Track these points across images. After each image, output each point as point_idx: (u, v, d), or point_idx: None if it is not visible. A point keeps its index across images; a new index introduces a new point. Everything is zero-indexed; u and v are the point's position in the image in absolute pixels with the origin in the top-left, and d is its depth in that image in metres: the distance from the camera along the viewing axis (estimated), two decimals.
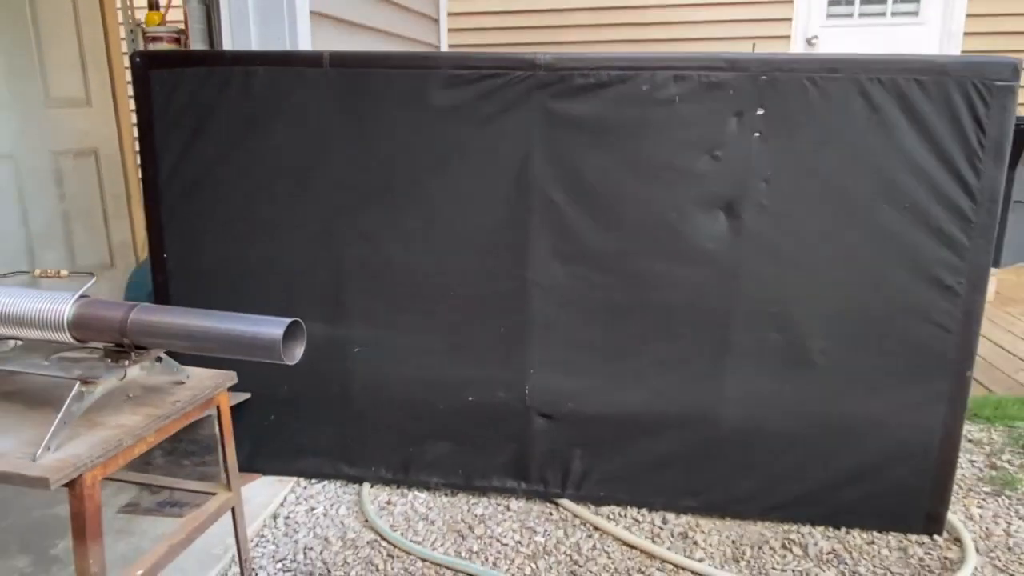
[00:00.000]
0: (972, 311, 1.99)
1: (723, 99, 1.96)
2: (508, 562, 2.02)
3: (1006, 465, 2.56)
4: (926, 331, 2.02)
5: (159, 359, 1.43)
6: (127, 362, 1.31)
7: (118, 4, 3.28)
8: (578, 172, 2.07)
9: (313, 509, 2.27)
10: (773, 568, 2.00)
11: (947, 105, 1.89)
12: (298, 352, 1.25)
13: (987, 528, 2.19)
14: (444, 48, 3.87)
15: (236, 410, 2.32)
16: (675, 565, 2.00)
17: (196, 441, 2.26)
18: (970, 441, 2.75)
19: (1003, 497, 2.36)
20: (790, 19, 5.45)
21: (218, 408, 1.57)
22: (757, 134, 1.97)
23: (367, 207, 2.16)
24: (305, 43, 2.22)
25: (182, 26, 2.51)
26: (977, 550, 2.08)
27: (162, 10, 2.67)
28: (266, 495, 2.33)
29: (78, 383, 1.25)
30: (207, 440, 2.27)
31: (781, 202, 2.00)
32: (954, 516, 2.21)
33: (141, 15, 2.86)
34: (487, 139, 2.07)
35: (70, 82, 3.54)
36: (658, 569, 1.99)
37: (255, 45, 2.18)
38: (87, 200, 3.72)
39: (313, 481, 2.42)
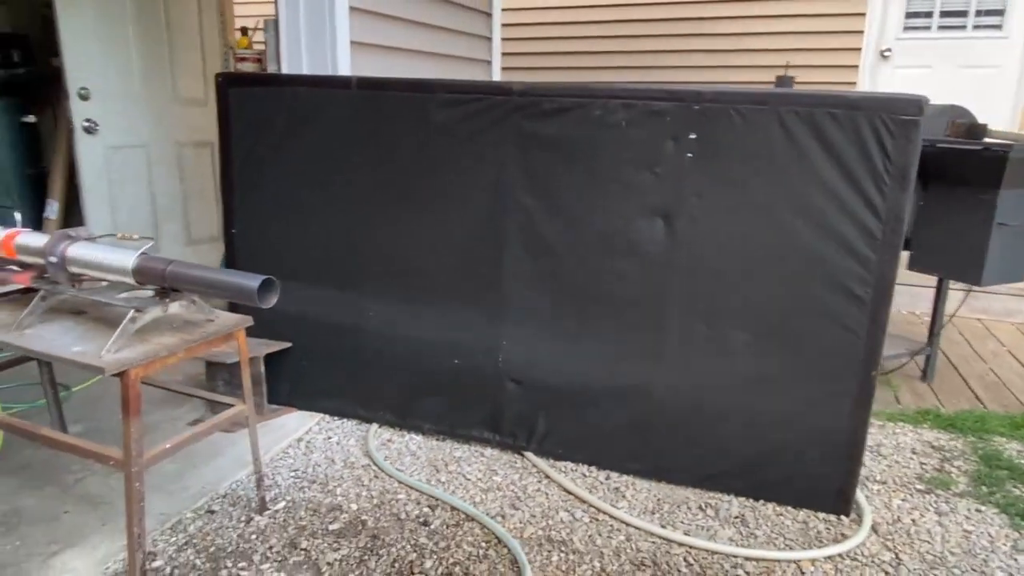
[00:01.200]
0: (877, 318, 2.25)
1: (662, 124, 2.33)
2: (464, 491, 2.50)
3: (953, 470, 2.74)
4: (837, 334, 2.30)
5: (193, 302, 2.02)
6: (168, 300, 1.91)
7: (221, 29, 4.01)
8: (544, 181, 2.50)
9: (329, 438, 2.86)
10: (680, 521, 2.36)
11: (857, 135, 2.16)
12: (272, 300, 1.80)
13: (898, 516, 2.42)
14: (496, 67, 4.35)
15: (279, 356, 2.96)
16: (597, 509, 2.41)
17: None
18: (932, 447, 2.92)
19: (931, 495, 2.56)
20: (861, 31, 5.48)
21: (239, 343, 2.15)
22: (690, 155, 2.32)
23: (378, 201, 2.70)
24: (345, 67, 2.79)
25: (263, 47, 3.16)
26: (876, 532, 2.33)
27: (249, 36, 3.33)
28: (296, 424, 2.94)
29: (133, 310, 1.86)
30: (255, 376, 2.90)
31: (710, 214, 2.34)
32: (866, 502, 2.46)
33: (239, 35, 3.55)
34: (472, 151, 2.55)
35: (193, 85, 4.34)
36: (583, 511, 2.40)
37: (306, 68, 2.77)
38: (201, 184, 4.54)
39: (335, 418, 3.00)
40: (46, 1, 3.79)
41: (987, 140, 2.96)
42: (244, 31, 3.27)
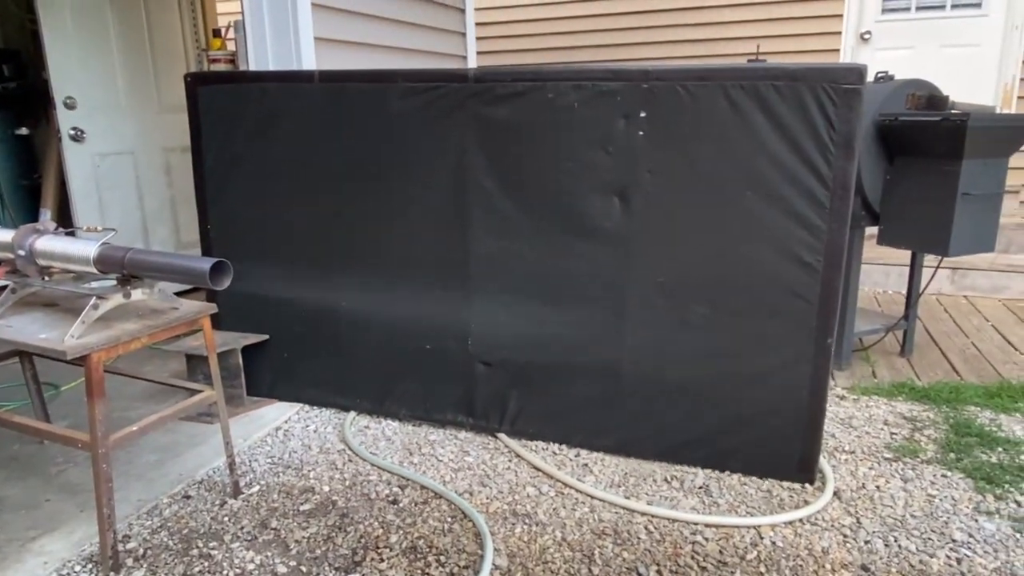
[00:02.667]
0: (830, 285, 2.29)
1: (613, 104, 2.37)
2: (435, 471, 2.55)
3: (922, 438, 2.76)
4: (790, 302, 2.33)
5: (160, 290, 2.09)
6: (129, 287, 1.98)
7: (194, 33, 4.10)
8: (503, 164, 2.56)
9: (307, 427, 2.92)
10: (645, 493, 2.40)
11: (800, 106, 2.20)
12: (226, 282, 1.86)
13: (862, 483, 2.45)
14: (472, 57, 4.42)
15: (260, 350, 3.03)
16: (563, 483, 2.45)
17: (227, 368, 2.97)
18: (905, 418, 2.94)
19: (898, 463, 2.58)
20: (841, 15, 5.51)
21: (204, 329, 2.22)
22: (641, 132, 2.37)
23: (346, 191, 2.77)
24: (309, 63, 2.87)
25: (235, 48, 3.24)
26: (840, 499, 2.36)
27: (222, 38, 3.42)
28: (276, 414, 3.00)
29: (95, 297, 1.93)
30: (234, 368, 2.98)
31: (663, 190, 2.39)
32: (831, 471, 2.49)
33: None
34: (433, 137, 2.61)
35: (177, 91, 4.42)
36: (550, 486, 2.45)
37: (272, 66, 2.84)
38: (189, 188, 4.57)
39: (315, 408, 3.07)
40: (35, 18, 3.91)
41: (946, 111, 2.98)
42: (216, 33, 3.36)
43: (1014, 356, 3.62)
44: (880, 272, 4.91)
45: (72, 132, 4.00)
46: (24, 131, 4.81)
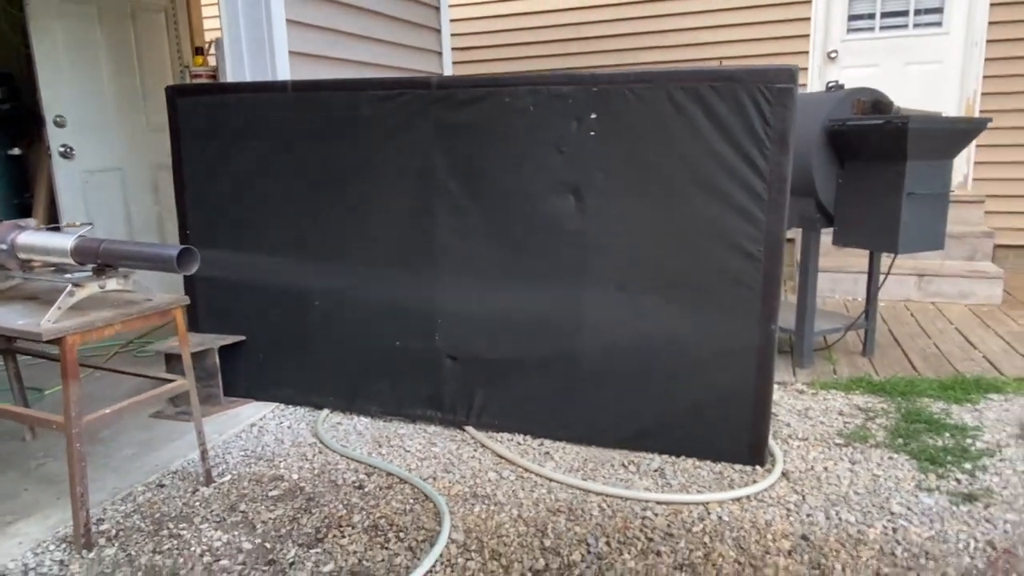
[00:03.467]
0: (771, 274, 2.41)
1: (565, 107, 2.52)
2: (401, 460, 2.65)
3: (873, 426, 2.86)
4: (735, 292, 2.46)
5: (135, 282, 2.21)
6: (104, 276, 2.10)
7: (178, 51, 4.28)
8: (465, 166, 2.70)
9: (281, 423, 3.02)
10: (602, 476, 2.50)
11: (738, 105, 2.35)
12: (193, 267, 1.98)
13: (811, 466, 2.55)
14: (448, 61, 4.60)
15: (237, 352, 3.14)
16: (524, 468, 2.55)
17: (204, 368, 3.07)
18: (860, 408, 3.05)
19: (848, 448, 2.69)
20: (807, 35, 5.72)
21: (176, 320, 2.34)
22: (593, 133, 2.51)
23: (317, 194, 2.91)
24: (284, 74, 3.02)
25: (216, 63, 3.40)
26: (788, 479, 2.46)
27: (204, 55, 3.59)
28: (251, 412, 3.10)
29: (70, 285, 2.05)
30: (210, 368, 3.08)
31: (615, 187, 2.53)
32: (781, 454, 2.59)
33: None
34: (400, 142, 2.75)
35: (164, 111, 4.59)
36: (511, 471, 2.54)
37: (248, 76, 3.00)
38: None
39: (289, 406, 3.16)
40: (28, 41, 4.08)
41: (889, 115, 3.14)
42: (199, 50, 3.53)
43: (972, 354, 3.73)
44: (850, 280, 5.04)
45: (62, 149, 4.15)
46: (16, 151, 4.96)
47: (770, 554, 2.03)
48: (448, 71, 4.62)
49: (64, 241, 2.10)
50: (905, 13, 5.59)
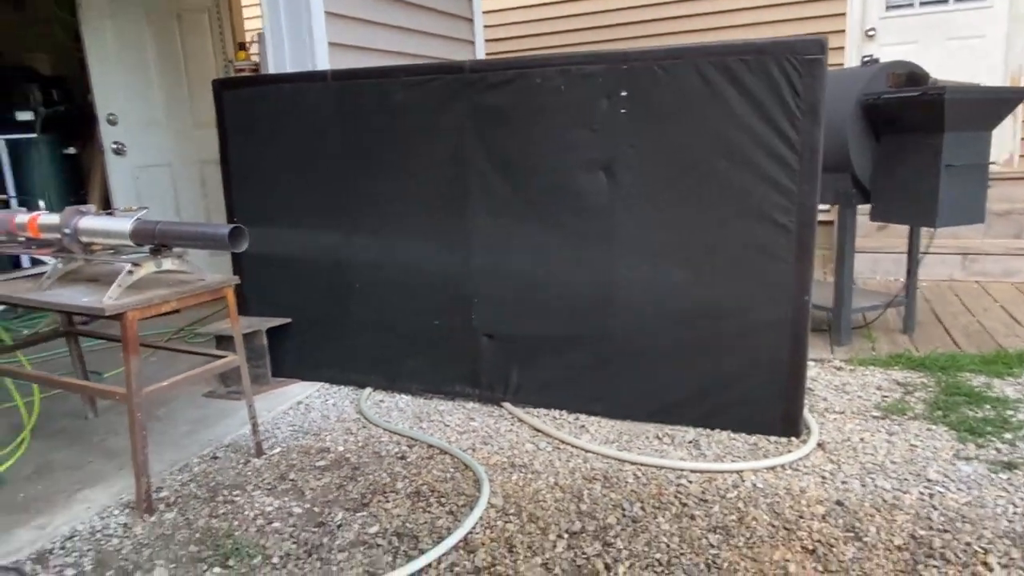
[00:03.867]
0: (804, 245, 2.43)
1: (596, 86, 2.57)
2: (441, 434, 2.74)
3: (912, 399, 2.85)
4: (768, 263, 2.48)
5: (189, 262, 2.34)
6: (160, 256, 2.23)
7: (222, 47, 4.44)
8: (497, 147, 2.77)
9: (327, 401, 3.13)
10: (637, 448, 2.54)
11: (768, 78, 2.37)
12: (243, 245, 2.09)
13: (847, 437, 2.55)
14: (480, 50, 4.67)
15: (285, 334, 3.26)
16: (560, 440, 2.61)
17: (253, 349, 3.20)
18: (898, 383, 3.03)
19: (885, 420, 2.68)
20: (844, 14, 5.64)
21: (227, 299, 2.46)
22: (623, 111, 2.55)
23: (355, 179, 3.01)
24: (323, 64, 3.13)
25: (258, 58, 3.53)
26: (824, 449, 2.47)
27: (247, 50, 3.72)
28: (298, 391, 3.23)
29: (130, 264, 2.18)
30: (259, 349, 3.21)
31: (645, 163, 2.57)
32: (816, 425, 2.60)
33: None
34: (434, 125, 2.83)
35: (209, 109, 4.76)
36: (548, 443, 2.61)
37: (289, 68, 3.11)
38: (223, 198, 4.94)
39: (335, 386, 3.28)
40: (80, 45, 4.28)
41: (925, 87, 3.10)
42: (242, 45, 3.67)
43: (1017, 330, 3.67)
44: (890, 261, 4.97)
45: (114, 146, 4.35)
46: (72, 150, 5.20)
47: (804, 518, 2.06)
48: (480, 40, 4.70)
49: (123, 224, 2.23)
50: None
